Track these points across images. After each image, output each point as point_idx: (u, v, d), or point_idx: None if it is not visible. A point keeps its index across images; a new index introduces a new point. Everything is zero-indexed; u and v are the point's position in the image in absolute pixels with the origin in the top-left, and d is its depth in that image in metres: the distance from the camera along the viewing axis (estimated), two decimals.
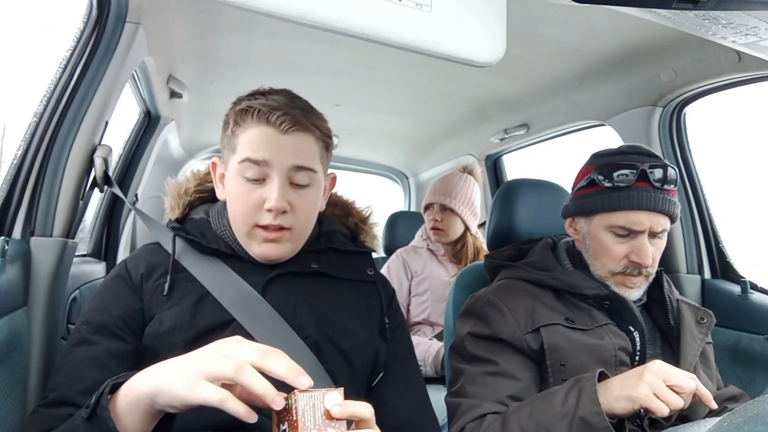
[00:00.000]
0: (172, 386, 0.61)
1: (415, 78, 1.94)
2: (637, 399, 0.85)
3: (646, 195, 1.07)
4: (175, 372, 0.62)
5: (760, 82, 1.41)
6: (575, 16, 1.36)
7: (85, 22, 1.14)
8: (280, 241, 0.94)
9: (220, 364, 0.60)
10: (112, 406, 0.66)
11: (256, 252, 0.95)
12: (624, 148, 1.15)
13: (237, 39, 1.64)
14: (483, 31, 0.77)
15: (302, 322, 0.94)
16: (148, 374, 0.65)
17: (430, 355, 1.87)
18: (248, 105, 0.92)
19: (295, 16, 0.65)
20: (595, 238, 1.14)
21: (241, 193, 0.92)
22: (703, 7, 0.78)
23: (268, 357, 0.61)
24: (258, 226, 0.92)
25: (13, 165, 1.08)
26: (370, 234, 1.14)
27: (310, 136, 0.94)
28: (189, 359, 0.63)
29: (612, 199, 1.10)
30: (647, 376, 0.87)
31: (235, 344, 0.63)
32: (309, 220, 0.98)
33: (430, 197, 2.14)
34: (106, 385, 0.67)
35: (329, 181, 1.06)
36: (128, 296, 0.92)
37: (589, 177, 1.15)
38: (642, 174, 1.08)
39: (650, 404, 0.84)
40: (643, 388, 0.85)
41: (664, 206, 1.08)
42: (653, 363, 0.90)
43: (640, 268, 1.10)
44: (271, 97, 0.93)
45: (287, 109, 0.91)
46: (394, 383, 1.03)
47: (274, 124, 0.90)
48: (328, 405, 0.60)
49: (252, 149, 0.90)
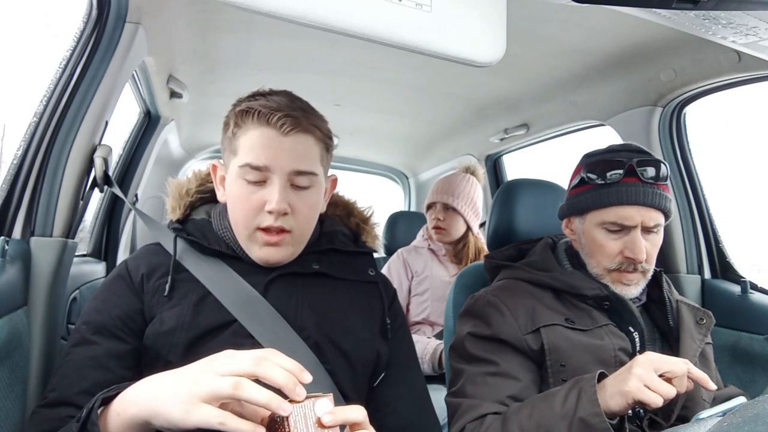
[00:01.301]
0: (168, 412, 0.60)
1: (415, 78, 1.94)
2: (628, 393, 0.85)
3: (635, 190, 1.08)
4: (170, 396, 0.61)
5: (760, 82, 1.41)
6: (575, 16, 1.36)
7: (85, 22, 1.14)
8: (281, 244, 0.93)
9: (217, 384, 0.59)
10: (103, 422, 0.65)
11: (257, 255, 0.95)
12: (614, 147, 1.17)
13: (237, 39, 1.64)
14: (483, 31, 0.77)
15: (303, 323, 0.94)
16: (141, 394, 0.64)
17: (428, 352, 1.87)
18: (248, 106, 0.91)
19: (295, 16, 0.65)
20: (589, 236, 1.15)
21: (242, 195, 0.92)
22: (703, 7, 0.78)
23: (263, 364, 0.61)
24: (259, 228, 0.92)
25: (13, 165, 1.07)
26: (371, 234, 1.13)
27: (310, 137, 0.93)
28: (182, 379, 0.62)
29: (602, 195, 1.11)
30: (636, 368, 0.86)
31: (228, 358, 0.62)
32: (310, 223, 0.98)
33: (433, 196, 2.14)
34: (96, 399, 0.67)
35: (330, 183, 1.06)
36: (128, 297, 0.92)
37: (579, 176, 1.16)
38: (630, 169, 1.09)
39: (642, 396, 0.83)
40: (633, 381, 0.85)
41: (654, 200, 1.08)
42: (642, 355, 0.90)
43: (634, 263, 1.10)
44: (271, 98, 0.93)
45: (288, 111, 0.90)
46: (395, 384, 1.03)
47: (274, 125, 0.89)
48: (318, 413, 0.60)
49: (253, 154, 0.90)
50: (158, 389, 0.63)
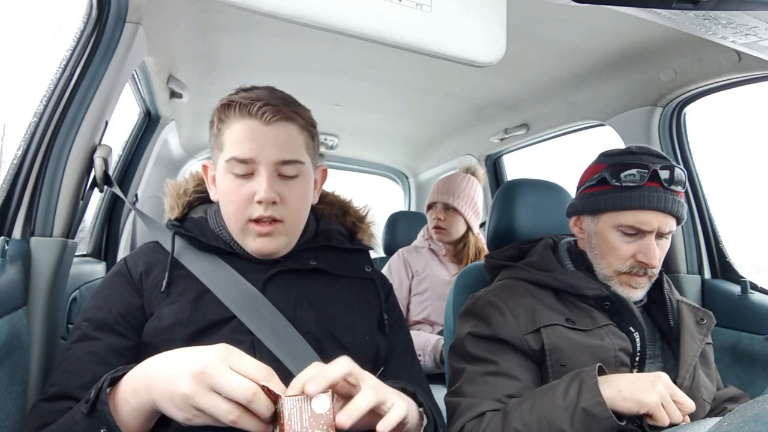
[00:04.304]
0: (172, 415, 0.65)
1: (415, 78, 1.94)
2: (646, 405, 0.87)
3: (657, 195, 1.08)
4: (171, 400, 0.64)
5: (760, 82, 1.41)
6: (575, 16, 1.36)
7: (85, 22, 1.14)
8: (273, 234, 0.94)
9: (218, 409, 0.62)
10: (111, 403, 0.67)
11: (252, 248, 0.96)
12: (633, 149, 1.15)
13: (237, 39, 1.64)
14: (483, 31, 0.77)
15: (303, 319, 0.94)
16: (145, 383, 0.67)
17: (430, 344, 1.87)
18: (230, 100, 0.94)
19: (295, 16, 0.66)
20: (602, 237, 1.14)
21: (231, 189, 0.93)
22: (703, 7, 0.78)
23: (232, 366, 0.64)
24: (251, 220, 0.93)
25: (13, 165, 1.07)
26: (367, 232, 1.15)
27: (293, 125, 0.95)
28: (175, 389, 0.64)
29: (623, 198, 1.10)
30: (660, 386, 0.89)
31: (225, 374, 0.63)
32: (301, 211, 0.98)
33: (434, 196, 2.14)
34: (105, 379, 0.68)
35: (320, 174, 1.07)
36: (128, 293, 0.93)
37: (599, 176, 1.14)
38: (653, 174, 1.08)
39: (657, 413, 0.87)
40: (654, 396, 0.87)
41: (673, 207, 1.08)
42: (663, 375, 0.92)
43: (646, 268, 1.10)
44: (252, 92, 0.96)
45: (268, 99, 0.93)
46: (393, 376, 1.03)
47: (255, 115, 0.91)
48: (316, 408, 0.62)
49: (238, 147, 0.92)
50: (163, 387, 0.66)
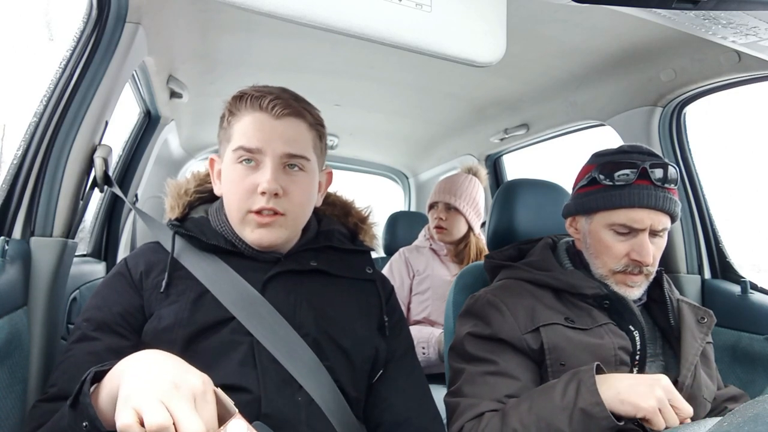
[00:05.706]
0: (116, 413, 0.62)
1: (415, 78, 1.94)
2: (643, 409, 0.86)
3: (647, 193, 1.08)
4: (126, 396, 0.60)
5: (760, 82, 1.41)
6: (575, 16, 1.36)
7: (85, 22, 1.14)
8: (272, 225, 0.94)
9: (158, 419, 0.57)
10: (95, 397, 0.66)
11: (250, 238, 0.96)
12: (625, 148, 1.16)
13: (237, 39, 1.64)
14: (483, 31, 0.77)
15: (302, 320, 0.94)
16: (120, 378, 0.64)
17: (434, 336, 1.88)
18: (242, 92, 0.96)
19: (295, 16, 0.66)
20: (596, 236, 1.15)
21: (236, 179, 0.94)
22: (703, 7, 0.78)
23: None
24: (252, 211, 0.93)
25: (13, 165, 1.07)
26: (369, 233, 1.14)
27: (302, 122, 0.96)
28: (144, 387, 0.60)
29: (613, 197, 1.10)
30: (658, 390, 0.88)
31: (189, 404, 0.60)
32: (303, 207, 0.98)
33: (435, 196, 2.15)
34: (89, 372, 0.67)
35: (326, 177, 1.07)
36: (128, 293, 0.93)
37: (590, 176, 1.15)
38: (643, 172, 1.09)
39: (654, 418, 0.86)
40: (652, 401, 0.86)
41: (665, 204, 1.08)
42: (663, 378, 0.91)
43: (641, 266, 1.10)
44: (264, 88, 0.97)
45: (279, 94, 0.95)
46: (392, 379, 1.03)
47: (266, 108, 0.93)
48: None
49: (246, 137, 0.93)
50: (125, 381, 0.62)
